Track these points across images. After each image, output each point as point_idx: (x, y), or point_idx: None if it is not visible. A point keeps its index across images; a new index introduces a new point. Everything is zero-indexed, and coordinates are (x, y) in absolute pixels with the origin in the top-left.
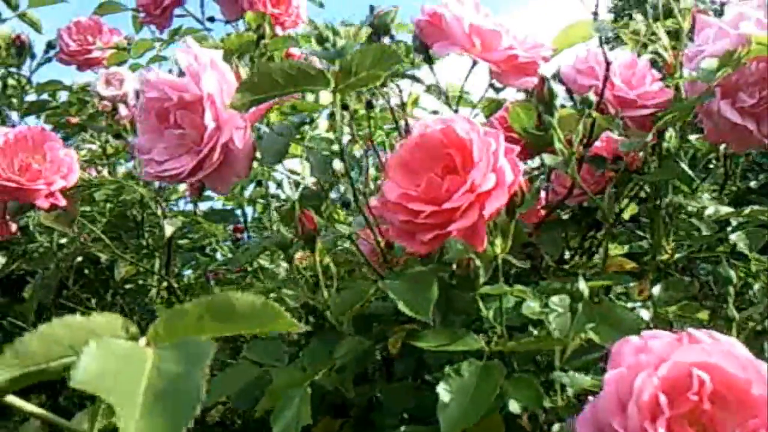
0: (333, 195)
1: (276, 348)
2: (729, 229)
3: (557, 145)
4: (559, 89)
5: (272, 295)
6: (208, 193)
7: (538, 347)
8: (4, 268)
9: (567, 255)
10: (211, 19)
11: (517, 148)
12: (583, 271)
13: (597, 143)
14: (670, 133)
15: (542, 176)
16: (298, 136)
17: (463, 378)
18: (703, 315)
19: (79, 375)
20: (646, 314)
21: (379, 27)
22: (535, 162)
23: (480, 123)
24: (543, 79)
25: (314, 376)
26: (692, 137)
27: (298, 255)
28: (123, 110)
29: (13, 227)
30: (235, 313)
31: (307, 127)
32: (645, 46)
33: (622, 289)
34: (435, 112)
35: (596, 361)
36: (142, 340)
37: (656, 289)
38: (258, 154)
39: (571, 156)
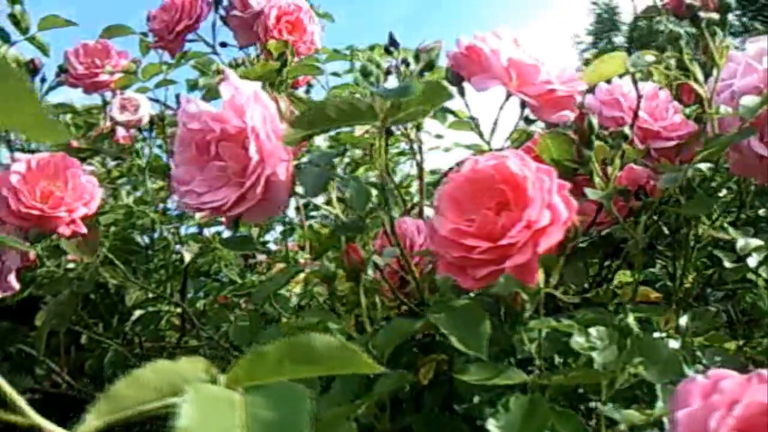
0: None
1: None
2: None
3: (596, 179)
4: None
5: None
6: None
7: (585, 381)
8: (17, 294)
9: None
10: (224, 45)
11: (569, 185)
12: (606, 300)
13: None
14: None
15: None
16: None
17: (511, 413)
18: (731, 345)
19: (184, 422)
20: (675, 345)
21: (426, 63)
22: None
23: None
24: (583, 114)
25: (357, 409)
26: (702, 165)
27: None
28: (121, 131)
29: (32, 255)
30: (314, 355)
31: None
32: (676, 79)
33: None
34: (439, 136)
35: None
36: (221, 379)
37: (683, 320)
38: (299, 187)
39: (613, 190)
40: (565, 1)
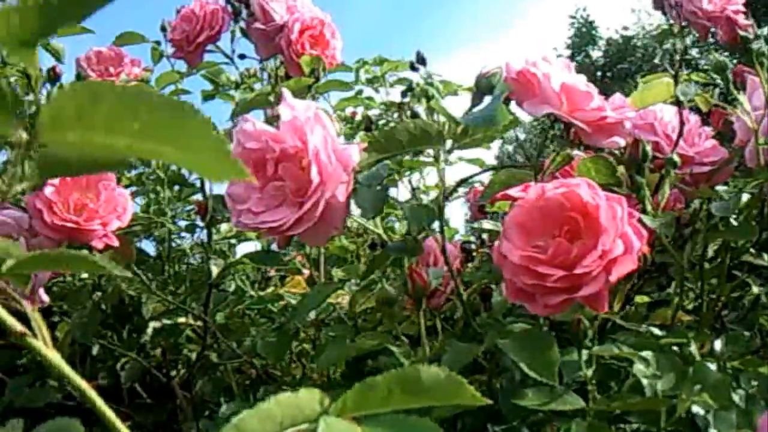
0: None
1: None
2: None
3: (648, 207)
4: None
5: None
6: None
7: (645, 408)
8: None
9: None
10: (243, 57)
11: (638, 215)
12: (636, 321)
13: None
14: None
15: None
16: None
17: None
18: (765, 369)
19: None
20: (713, 369)
21: (485, 87)
22: None
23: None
24: (637, 141)
25: None
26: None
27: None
28: None
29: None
30: (422, 385)
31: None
32: (716, 106)
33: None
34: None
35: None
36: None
37: (717, 344)
38: (357, 208)
39: (671, 218)
40: (541, 11)
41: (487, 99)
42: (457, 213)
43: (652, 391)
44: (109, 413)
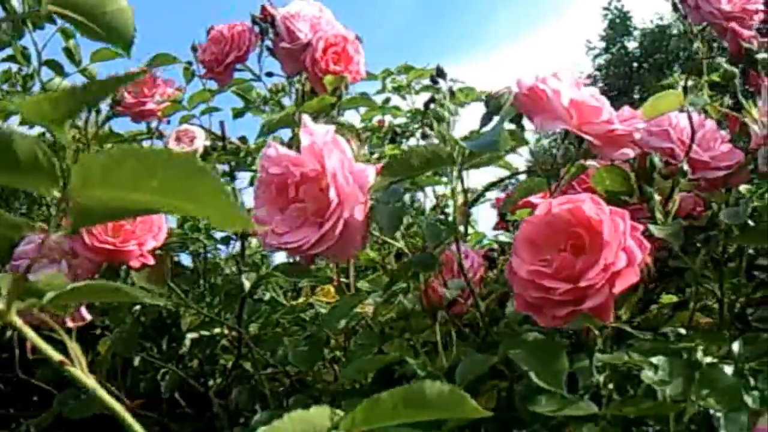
0: None
1: None
2: None
3: (658, 216)
4: None
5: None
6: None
7: (655, 412)
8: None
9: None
10: (270, 75)
11: (641, 227)
12: (657, 324)
13: None
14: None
15: None
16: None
17: None
18: None
19: None
20: (729, 371)
21: (494, 108)
22: None
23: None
24: (645, 152)
25: None
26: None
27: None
28: None
29: None
30: (426, 400)
31: None
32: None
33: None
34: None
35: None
36: (342, 424)
37: (735, 345)
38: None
39: (679, 227)
40: (577, 7)
41: (496, 119)
42: (487, 216)
43: (663, 396)
44: (138, 428)
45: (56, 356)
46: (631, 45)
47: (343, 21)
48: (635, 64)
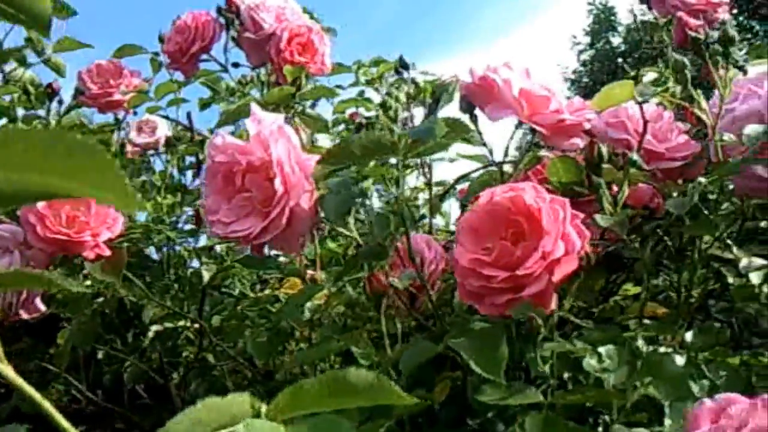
0: None
1: None
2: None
3: (606, 206)
4: None
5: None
6: None
7: (598, 400)
8: (42, 315)
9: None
10: (236, 65)
11: (581, 215)
12: (614, 315)
13: None
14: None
15: None
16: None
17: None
18: (734, 360)
19: None
20: (681, 360)
21: (440, 96)
22: None
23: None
24: (593, 142)
25: (380, 428)
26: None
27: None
28: (128, 147)
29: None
30: (351, 388)
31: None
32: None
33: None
34: (452, 160)
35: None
36: (264, 411)
37: (688, 335)
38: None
39: (625, 216)
40: (561, 2)
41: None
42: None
43: (607, 384)
44: (65, 424)
45: None
46: (617, 40)
47: (333, 14)
48: (620, 60)
